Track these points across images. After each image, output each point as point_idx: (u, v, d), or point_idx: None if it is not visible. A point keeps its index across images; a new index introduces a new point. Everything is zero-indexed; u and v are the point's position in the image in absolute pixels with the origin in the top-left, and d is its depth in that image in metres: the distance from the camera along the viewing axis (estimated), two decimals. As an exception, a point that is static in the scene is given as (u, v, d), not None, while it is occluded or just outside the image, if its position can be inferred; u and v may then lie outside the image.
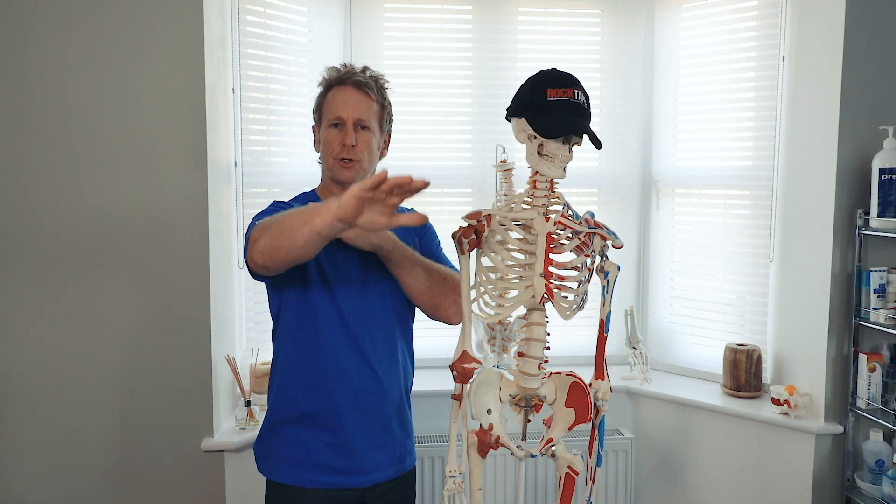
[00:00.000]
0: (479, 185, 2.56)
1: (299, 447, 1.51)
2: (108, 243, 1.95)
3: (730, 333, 2.45)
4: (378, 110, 1.56)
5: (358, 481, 1.51)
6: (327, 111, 1.54)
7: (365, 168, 1.55)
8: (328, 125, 1.54)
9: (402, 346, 1.59)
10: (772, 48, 2.31)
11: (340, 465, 1.50)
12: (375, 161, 1.59)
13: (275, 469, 1.53)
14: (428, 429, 2.31)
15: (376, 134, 1.57)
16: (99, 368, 1.97)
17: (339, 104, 1.53)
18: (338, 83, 1.54)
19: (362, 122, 1.53)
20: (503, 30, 2.54)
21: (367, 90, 1.54)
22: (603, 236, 1.38)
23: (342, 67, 1.58)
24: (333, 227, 1.18)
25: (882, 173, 1.98)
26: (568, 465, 1.39)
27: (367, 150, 1.54)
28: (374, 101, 1.55)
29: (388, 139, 1.64)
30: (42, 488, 1.98)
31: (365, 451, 1.51)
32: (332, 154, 1.53)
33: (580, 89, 1.28)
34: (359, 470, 1.51)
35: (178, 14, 1.92)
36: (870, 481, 2.05)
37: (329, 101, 1.55)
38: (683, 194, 2.57)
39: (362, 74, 1.56)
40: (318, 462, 1.50)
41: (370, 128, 1.54)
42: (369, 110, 1.54)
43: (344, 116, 1.52)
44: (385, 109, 1.59)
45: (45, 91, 1.90)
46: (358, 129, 1.52)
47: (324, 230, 1.20)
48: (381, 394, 1.53)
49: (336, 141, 1.52)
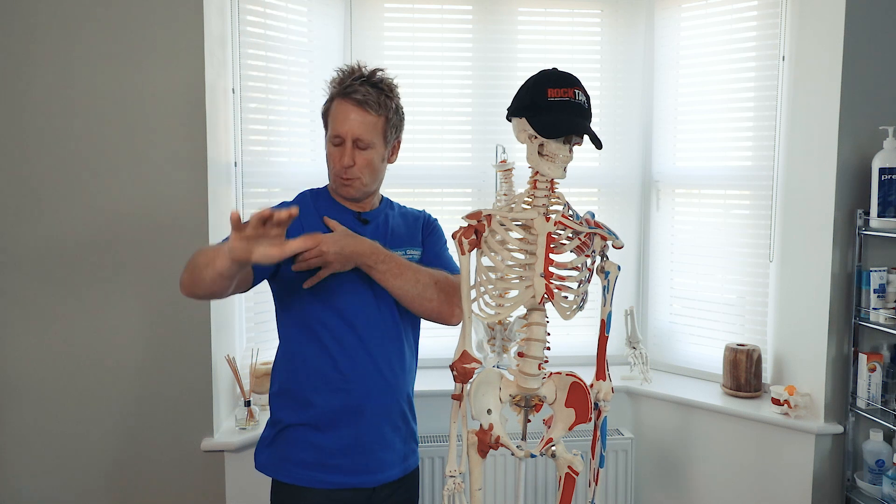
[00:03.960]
0: (479, 185, 2.56)
1: (308, 448, 1.50)
2: (107, 243, 1.95)
3: (730, 333, 2.45)
4: (381, 124, 1.51)
5: (366, 481, 1.52)
6: (330, 124, 1.52)
7: (366, 183, 1.53)
8: (330, 140, 1.52)
9: (408, 347, 1.59)
10: (772, 48, 2.31)
11: (349, 466, 1.50)
12: (380, 172, 1.56)
13: (282, 469, 1.53)
14: (428, 429, 2.31)
15: (378, 148, 1.52)
16: (99, 368, 1.97)
17: (338, 121, 1.49)
18: (340, 96, 1.50)
19: (361, 141, 1.49)
20: (503, 30, 2.54)
21: (368, 107, 1.48)
22: (603, 236, 1.38)
23: (348, 71, 1.53)
24: (232, 267, 1.25)
25: (882, 173, 1.98)
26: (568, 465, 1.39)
27: (367, 168, 1.51)
28: (376, 116, 1.50)
29: (397, 145, 1.60)
30: (43, 488, 1.98)
31: (373, 451, 1.52)
32: (333, 170, 1.52)
33: (581, 89, 1.28)
34: (367, 470, 1.51)
35: (178, 14, 1.92)
36: (870, 481, 2.05)
37: (332, 113, 1.51)
38: (683, 194, 2.57)
39: (363, 87, 1.49)
40: (326, 462, 1.50)
41: (371, 145, 1.50)
42: (369, 127, 1.49)
43: (343, 134, 1.48)
44: (390, 121, 1.53)
45: (46, 91, 1.90)
46: (356, 149, 1.49)
47: (225, 271, 1.27)
48: (390, 394, 1.53)
49: (335, 158, 1.50)
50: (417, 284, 1.48)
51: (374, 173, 1.54)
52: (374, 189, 1.59)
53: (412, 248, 1.59)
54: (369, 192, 1.57)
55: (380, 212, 1.61)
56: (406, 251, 1.58)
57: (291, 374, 1.53)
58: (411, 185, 2.52)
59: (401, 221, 1.62)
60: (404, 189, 2.51)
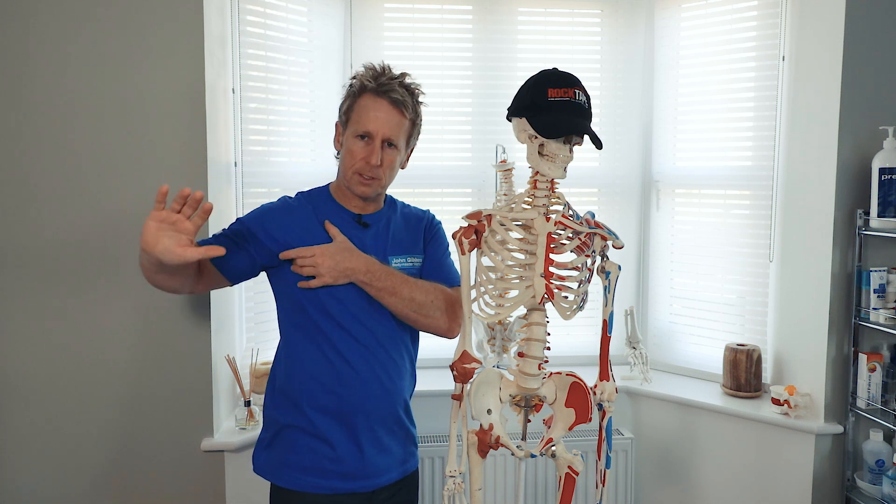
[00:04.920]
0: (479, 185, 2.56)
1: (306, 452, 1.50)
2: (108, 243, 1.95)
3: (730, 333, 2.45)
4: (409, 127, 1.51)
5: (364, 486, 1.51)
6: (357, 119, 1.48)
7: (384, 185, 1.52)
8: (355, 135, 1.48)
9: (406, 351, 1.58)
10: (772, 48, 2.31)
11: (347, 471, 1.49)
12: (395, 176, 1.56)
13: (281, 474, 1.52)
14: (428, 429, 2.31)
15: (402, 151, 1.53)
16: (99, 368, 1.97)
17: (370, 118, 1.46)
18: (374, 92, 1.47)
19: (391, 140, 1.47)
20: (503, 30, 2.54)
21: (403, 108, 1.47)
22: (603, 236, 1.38)
23: (379, 70, 1.50)
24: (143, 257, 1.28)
25: (882, 173, 1.98)
26: (568, 465, 1.39)
27: (389, 169, 1.50)
28: (407, 118, 1.49)
29: (410, 152, 1.60)
30: (42, 488, 1.98)
31: (371, 456, 1.51)
32: (353, 167, 1.48)
33: (581, 89, 1.28)
34: (365, 475, 1.51)
35: (178, 14, 1.92)
36: (870, 481, 2.05)
37: (361, 108, 1.48)
38: (683, 194, 2.57)
39: (400, 89, 1.48)
40: (324, 467, 1.49)
41: (397, 146, 1.50)
42: (400, 128, 1.48)
43: (374, 132, 1.46)
44: (416, 126, 1.54)
45: (46, 91, 1.90)
46: (385, 147, 1.47)
47: (144, 261, 1.30)
48: (388, 399, 1.53)
49: (360, 155, 1.47)
50: (413, 302, 1.47)
51: (392, 176, 1.53)
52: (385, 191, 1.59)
53: (413, 256, 1.58)
54: (382, 193, 1.57)
55: (381, 215, 1.58)
56: (407, 258, 1.56)
57: (289, 375, 1.53)
58: (411, 185, 2.52)
59: (402, 225, 1.60)
60: (404, 189, 2.50)
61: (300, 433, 1.50)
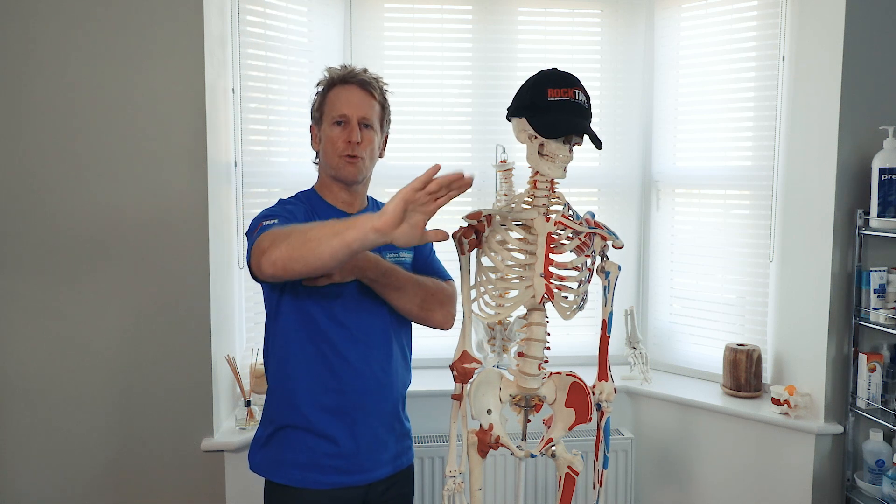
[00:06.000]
0: (479, 185, 2.56)
1: (302, 449, 1.50)
2: (108, 243, 1.95)
3: (730, 333, 2.45)
4: (379, 110, 1.58)
5: (361, 479, 1.52)
6: (330, 109, 1.55)
7: (367, 167, 1.56)
8: (331, 123, 1.54)
9: (401, 348, 1.60)
10: (772, 48, 2.31)
11: (343, 466, 1.50)
12: (375, 161, 1.60)
13: (276, 470, 1.53)
14: (428, 429, 2.31)
15: (378, 133, 1.58)
16: (99, 368, 1.97)
17: (342, 102, 1.54)
18: (341, 82, 1.56)
19: (366, 120, 1.54)
20: (503, 30, 2.53)
21: (371, 89, 1.56)
22: (603, 236, 1.38)
23: (342, 68, 1.59)
24: (366, 239, 1.17)
25: (882, 173, 1.98)
26: (568, 465, 1.39)
27: (369, 149, 1.55)
28: (376, 100, 1.57)
29: (385, 141, 1.65)
30: (42, 487, 1.98)
31: (367, 450, 1.52)
32: (336, 151, 1.53)
33: (581, 89, 1.28)
34: (362, 469, 1.52)
35: (178, 14, 1.92)
36: (870, 481, 2.05)
37: (332, 99, 1.55)
38: (683, 194, 2.57)
39: (365, 74, 1.58)
40: (320, 463, 1.50)
41: (373, 126, 1.56)
42: (372, 109, 1.56)
43: (349, 114, 1.52)
44: (385, 110, 1.61)
45: (46, 91, 1.90)
46: (362, 128, 1.53)
47: (355, 243, 1.18)
48: (384, 395, 1.54)
49: (340, 138, 1.52)
50: (416, 297, 1.52)
51: (372, 157, 1.58)
52: (367, 177, 1.61)
53: (404, 251, 1.60)
54: (366, 176, 1.59)
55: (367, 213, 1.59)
56: (400, 253, 1.58)
57: (284, 373, 1.53)
58: (411, 185, 2.52)
59: None
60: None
61: (298, 432, 1.51)
